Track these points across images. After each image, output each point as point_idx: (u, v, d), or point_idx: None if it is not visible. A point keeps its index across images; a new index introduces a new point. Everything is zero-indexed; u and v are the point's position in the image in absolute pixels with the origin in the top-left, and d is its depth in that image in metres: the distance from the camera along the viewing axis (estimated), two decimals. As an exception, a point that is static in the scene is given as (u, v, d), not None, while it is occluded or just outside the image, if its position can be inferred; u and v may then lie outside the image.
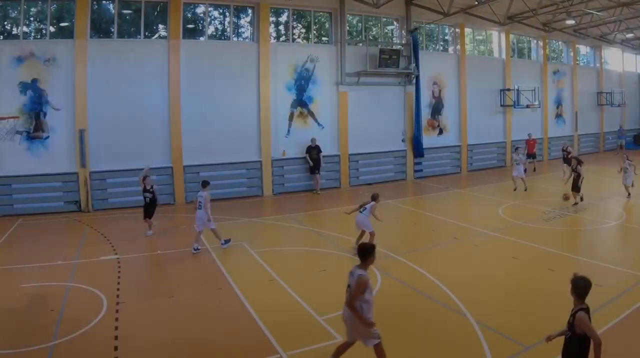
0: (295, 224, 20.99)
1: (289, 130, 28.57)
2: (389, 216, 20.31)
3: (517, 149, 28.07)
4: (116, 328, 10.87)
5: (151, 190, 19.42)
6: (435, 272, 13.95)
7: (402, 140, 32.01)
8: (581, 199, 22.65)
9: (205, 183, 17.46)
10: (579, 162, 22.68)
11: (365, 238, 15.48)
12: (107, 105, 24.30)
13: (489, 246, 16.93)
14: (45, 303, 12.34)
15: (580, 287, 7.08)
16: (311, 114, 29.18)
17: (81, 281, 13.91)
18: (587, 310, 6.97)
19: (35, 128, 23.44)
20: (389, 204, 23.63)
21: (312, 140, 28.03)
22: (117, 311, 11.81)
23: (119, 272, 14.92)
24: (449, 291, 12.36)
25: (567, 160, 27.65)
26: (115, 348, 9.97)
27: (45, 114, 23.57)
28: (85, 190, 23.98)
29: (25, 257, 16.57)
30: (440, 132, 33.95)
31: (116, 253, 16.76)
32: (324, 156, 28.39)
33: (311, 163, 27.89)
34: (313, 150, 27.88)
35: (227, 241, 17.30)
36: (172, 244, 18.04)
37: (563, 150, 30.40)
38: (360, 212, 16.11)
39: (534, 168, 33.58)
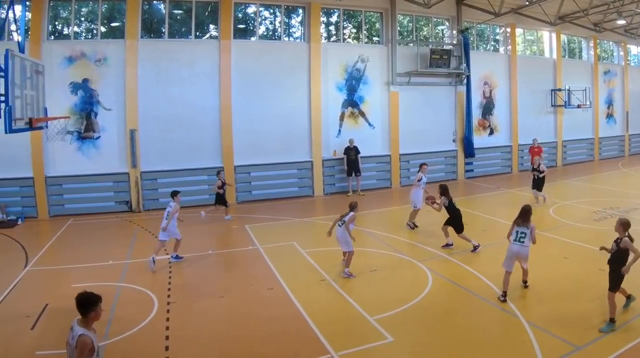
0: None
1: (339, 130, 26.70)
2: (440, 216, 18.96)
3: None
4: (167, 328, 10.45)
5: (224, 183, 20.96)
6: (486, 272, 13.26)
7: (453, 141, 29.97)
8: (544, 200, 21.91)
9: (174, 193, 16.05)
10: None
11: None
12: (157, 105, 22.95)
13: (539, 246, 14.79)
14: None
15: (625, 223, 9.89)
16: (362, 114, 27.25)
17: (132, 281, 13.41)
18: (629, 237, 9.79)
19: (86, 128, 22.18)
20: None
21: (350, 141, 25.95)
22: (167, 311, 11.36)
23: (170, 271, 14.35)
24: (499, 291, 11.57)
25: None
26: (166, 348, 9.60)
27: (96, 114, 22.27)
28: (136, 190, 22.68)
29: (76, 257, 15.79)
30: (491, 132, 31.58)
31: (167, 253, 15.73)
32: (373, 156, 27.04)
33: (347, 165, 25.97)
34: (351, 151, 25.90)
35: (179, 257, 15.51)
36: (223, 244, 17.53)
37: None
38: (339, 225, 13.74)
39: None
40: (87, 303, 6.42)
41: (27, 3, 20.45)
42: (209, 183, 23.41)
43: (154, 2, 24.04)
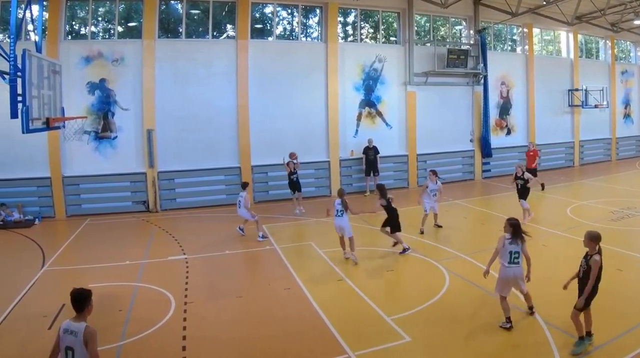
0: (364, 224, 19.03)
1: (357, 130, 25.94)
2: (457, 216, 19.37)
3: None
4: (184, 328, 10.23)
5: (295, 171, 21.09)
6: None
7: (470, 140, 29.10)
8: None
9: (245, 185, 17.89)
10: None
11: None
12: (174, 105, 22.41)
13: (557, 246, 15.52)
14: (114, 303, 11.57)
15: (595, 237, 8.82)
16: (379, 114, 26.47)
17: (149, 281, 13.16)
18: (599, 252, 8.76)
19: (103, 128, 21.67)
20: (457, 204, 22.43)
21: (369, 141, 25.24)
22: (185, 311, 11.12)
23: (187, 271, 14.00)
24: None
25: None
26: (184, 348, 9.40)
27: (113, 114, 21.74)
28: (153, 190, 22.13)
29: (93, 257, 15.49)
30: (509, 132, 30.65)
31: (184, 253, 15.63)
32: (390, 156, 26.33)
33: (366, 165, 25.35)
34: (370, 151, 25.20)
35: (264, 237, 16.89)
36: (241, 244, 16.93)
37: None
38: (338, 216, 14.35)
39: (542, 186, 25.48)
40: (83, 298, 6.39)
41: (44, 3, 19.87)
42: (226, 183, 23.01)
43: (171, 2, 23.46)
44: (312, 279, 13.06)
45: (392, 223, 15.13)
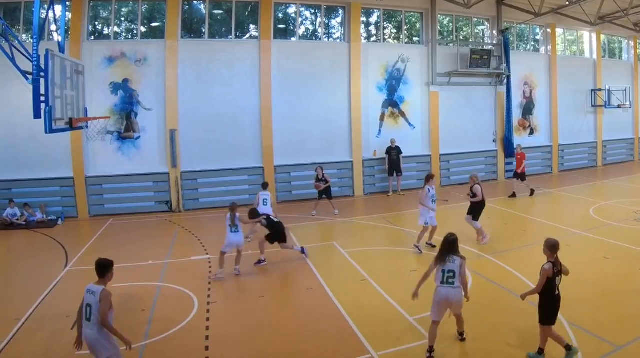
0: (387, 224, 18.62)
1: (380, 131, 25.02)
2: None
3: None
4: (207, 328, 9.99)
5: (323, 178, 19.91)
6: (527, 272, 12.17)
7: (493, 141, 28.02)
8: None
9: (265, 185, 17.93)
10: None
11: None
12: (197, 105, 21.80)
13: (580, 246, 14.97)
14: (137, 303, 11.39)
15: (553, 245, 8.06)
16: (402, 114, 25.52)
17: (172, 281, 12.85)
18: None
19: (126, 128, 21.06)
20: None
21: (392, 141, 24.38)
22: (208, 311, 10.85)
23: (210, 271, 13.57)
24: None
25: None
26: (206, 348, 9.15)
27: (136, 114, 21.11)
28: (176, 190, 21.50)
29: (116, 257, 14.79)
30: (532, 132, 29.53)
31: (207, 253, 15.24)
32: (414, 156, 25.46)
33: (389, 165, 24.52)
34: (393, 151, 24.35)
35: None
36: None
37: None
38: (234, 231, 13.30)
39: (531, 191, 23.51)
40: (105, 266, 7.52)
41: (67, 3, 19.29)
42: (249, 183, 22.31)
43: (194, 2, 22.72)
44: (335, 279, 12.68)
45: (279, 236, 14.01)
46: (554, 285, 8.02)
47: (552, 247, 8.10)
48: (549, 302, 8.03)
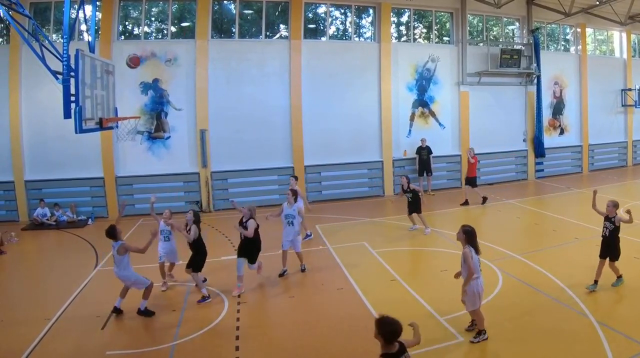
0: (417, 224, 17.34)
1: (410, 130, 23.41)
2: (510, 216, 18.21)
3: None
4: (237, 328, 9.71)
5: (409, 189, 16.39)
6: (557, 272, 11.99)
7: (523, 140, 26.20)
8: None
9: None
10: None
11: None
12: (227, 105, 20.54)
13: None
14: (167, 304, 11.06)
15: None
16: (432, 113, 23.87)
17: None
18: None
19: (156, 128, 19.87)
20: (511, 204, 20.63)
21: (422, 140, 22.92)
22: (238, 311, 10.53)
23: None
24: (570, 291, 10.65)
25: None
26: (237, 348, 8.90)
27: (166, 114, 19.88)
28: (206, 190, 20.31)
29: (145, 257, 13.99)
30: (562, 132, 27.64)
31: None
32: (444, 156, 24.07)
33: (419, 165, 23.15)
34: (423, 151, 22.89)
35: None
36: None
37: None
38: (167, 240, 12.21)
39: (483, 199, 20.71)
40: (111, 232, 9.81)
41: (98, 3, 17.98)
42: (279, 183, 20.85)
43: (224, 2, 21.41)
44: (365, 279, 12.21)
45: (199, 261, 11.48)
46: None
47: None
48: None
